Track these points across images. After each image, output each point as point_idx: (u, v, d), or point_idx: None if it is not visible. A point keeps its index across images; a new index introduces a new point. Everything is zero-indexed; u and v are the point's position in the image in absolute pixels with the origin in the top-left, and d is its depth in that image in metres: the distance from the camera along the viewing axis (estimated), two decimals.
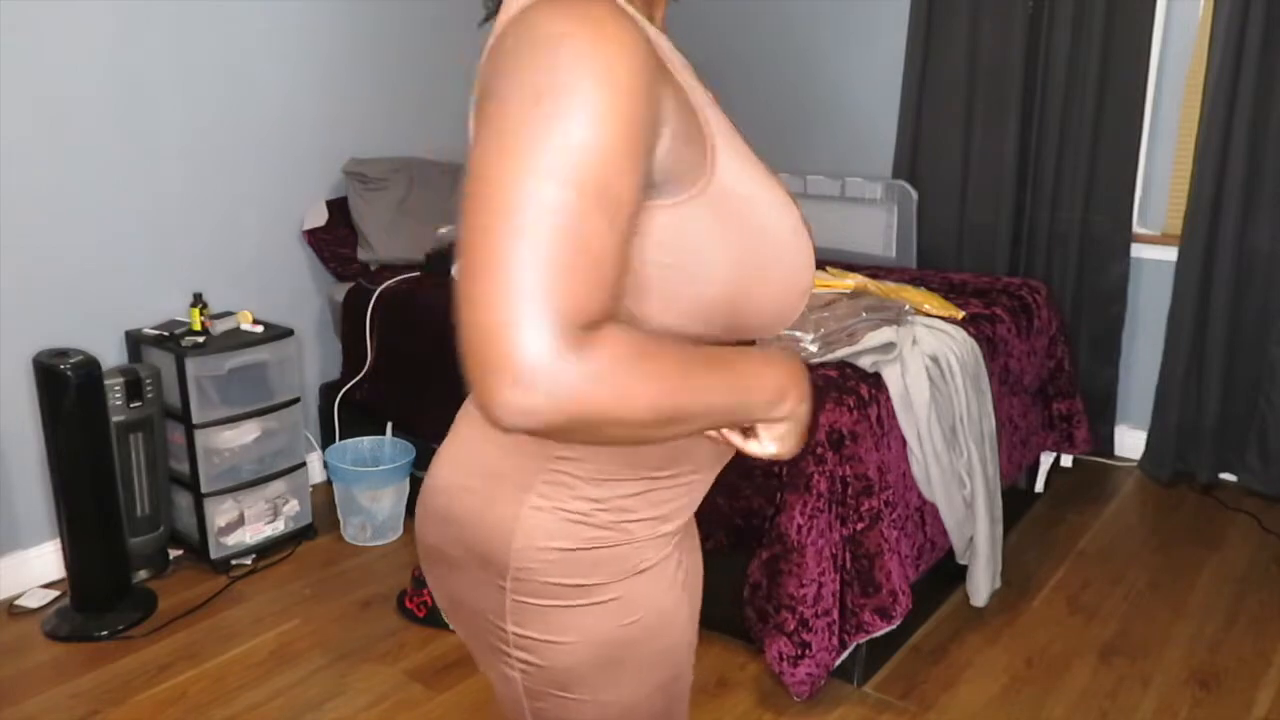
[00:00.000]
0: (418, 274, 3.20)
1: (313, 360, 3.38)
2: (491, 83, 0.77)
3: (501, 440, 0.93)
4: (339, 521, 3.08)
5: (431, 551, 1.03)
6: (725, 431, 0.93)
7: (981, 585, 2.56)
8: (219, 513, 2.86)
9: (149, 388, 2.71)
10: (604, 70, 0.73)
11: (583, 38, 0.74)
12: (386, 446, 3.16)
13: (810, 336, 2.44)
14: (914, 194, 3.69)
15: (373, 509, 3.02)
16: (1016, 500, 3.08)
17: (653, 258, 0.83)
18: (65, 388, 2.49)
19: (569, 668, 0.96)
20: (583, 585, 0.94)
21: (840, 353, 2.42)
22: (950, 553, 2.54)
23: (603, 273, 0.73)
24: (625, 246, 0.76)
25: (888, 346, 2.44)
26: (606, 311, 0.73)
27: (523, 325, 0.69)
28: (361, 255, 3.31)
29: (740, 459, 1.01)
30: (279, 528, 2.99)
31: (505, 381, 0.69)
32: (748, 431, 0.93)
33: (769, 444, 0.93)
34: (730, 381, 0.84)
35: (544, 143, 0.71)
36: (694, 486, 1.00)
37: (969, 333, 2.67)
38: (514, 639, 0.97)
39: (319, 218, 3.30)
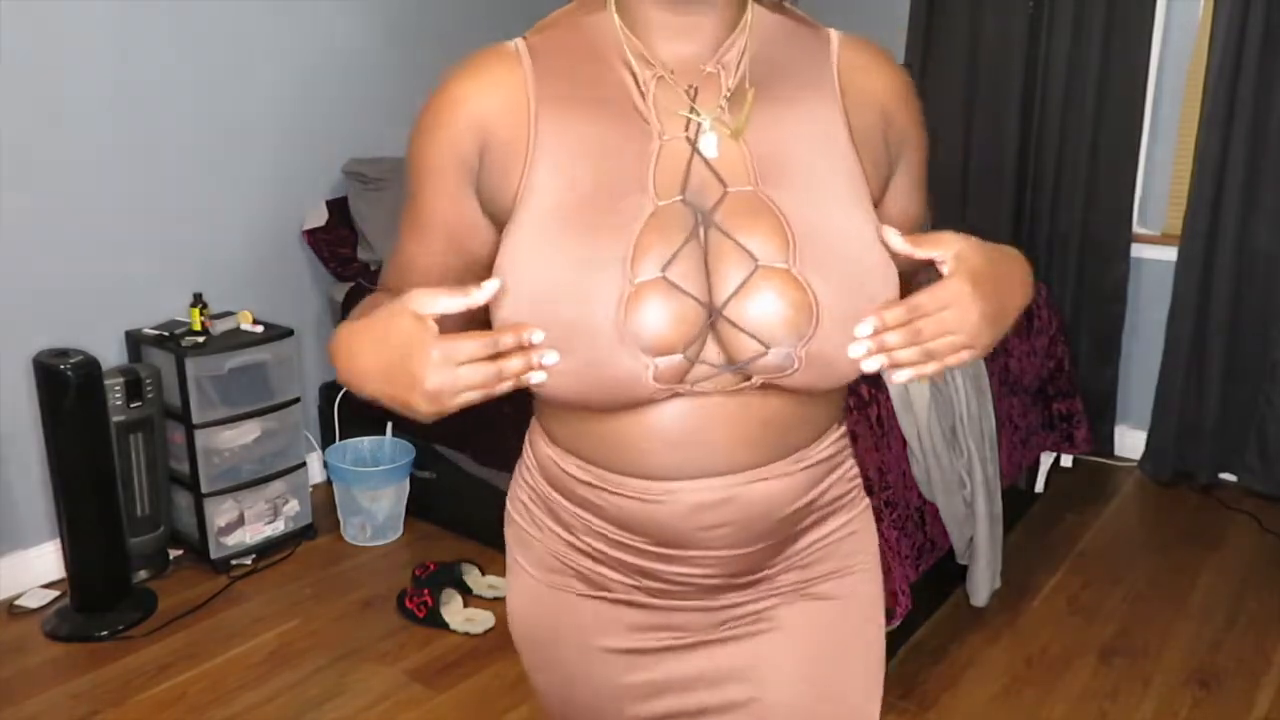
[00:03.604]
0: None
1: (313, 360, 3.37)
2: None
3: None
4: (339, 521, 3.08)
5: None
6: None
7: (981, 585, 2.56)
8: (219, 513, 2.86)
9: (149, 388, 2.71)
10: None
11: None
12: (386, 446, 3.15)
13: None
14: None
15: (372, 509, 3.02)
16: (1016, 500, 3.07)
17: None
18: (65, 388, 2.49)
19: None
20: None
21: None
22: (950, 553, 2.54)
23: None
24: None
25: None
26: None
27: None
28: (361, 255, 3.31)
29: None
30: (279, 528, 2.99)
31: None
32: None
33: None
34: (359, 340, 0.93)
35: None
36: None
37: None
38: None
39: (319, 218, 3.29)
